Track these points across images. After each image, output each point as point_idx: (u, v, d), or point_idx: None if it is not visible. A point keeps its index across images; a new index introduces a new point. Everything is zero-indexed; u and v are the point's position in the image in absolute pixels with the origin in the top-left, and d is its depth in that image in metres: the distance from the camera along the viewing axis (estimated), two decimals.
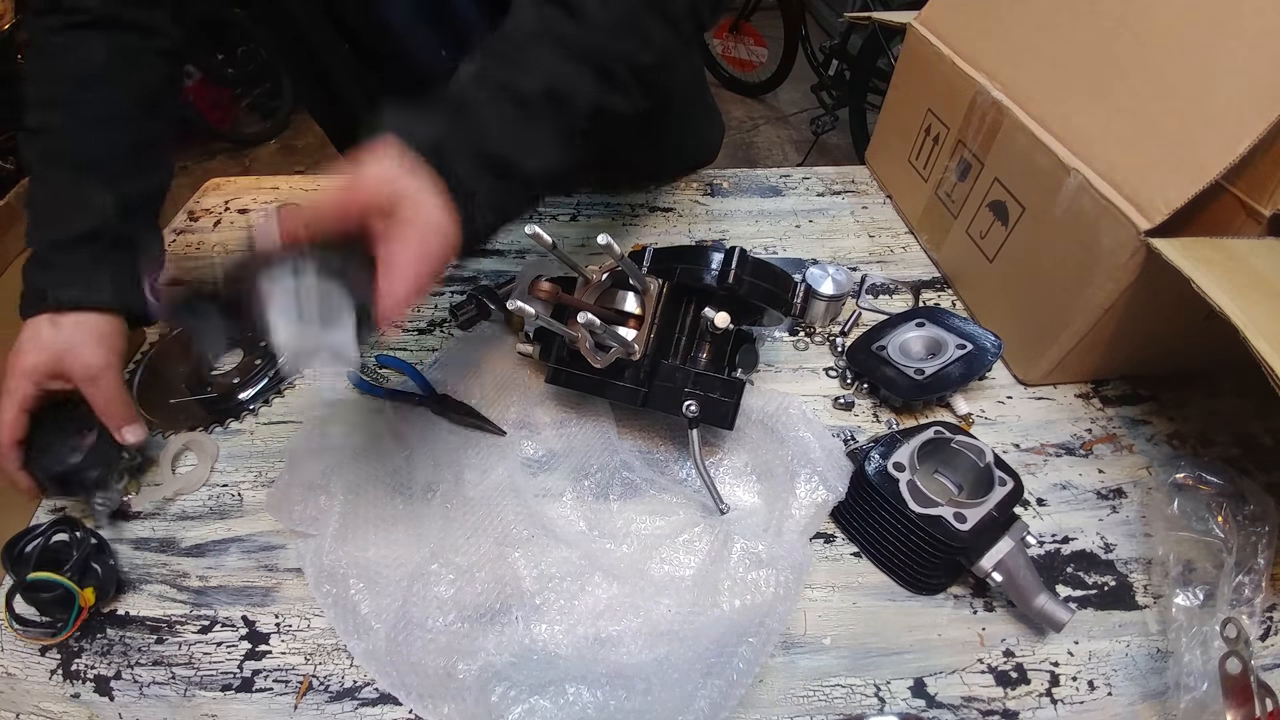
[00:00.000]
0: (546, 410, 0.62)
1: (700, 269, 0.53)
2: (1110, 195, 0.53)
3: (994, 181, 0.66)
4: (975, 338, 0.63)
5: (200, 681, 0.47)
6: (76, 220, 0.52)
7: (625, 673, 0.45)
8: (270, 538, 0.55)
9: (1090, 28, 0.61)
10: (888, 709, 0.45)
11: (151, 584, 0.52)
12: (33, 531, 0.49)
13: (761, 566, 0.49)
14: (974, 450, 0.51)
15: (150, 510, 0.57)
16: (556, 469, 0.58)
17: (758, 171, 0.95)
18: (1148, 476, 0.58)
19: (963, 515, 0.47)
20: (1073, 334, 0.58)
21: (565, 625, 0.48)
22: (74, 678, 0.47)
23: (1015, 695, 0.46)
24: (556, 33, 0.46)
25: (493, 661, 0.45)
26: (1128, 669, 0.47)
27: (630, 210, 0.87)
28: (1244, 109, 0.47)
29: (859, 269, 0.78)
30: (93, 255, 0.52)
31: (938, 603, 0.50)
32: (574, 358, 0.55)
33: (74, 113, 0.53)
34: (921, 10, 0.81)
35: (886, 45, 2.19)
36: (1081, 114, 0.58)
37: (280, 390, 0.66)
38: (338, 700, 0.46)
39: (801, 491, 0.53)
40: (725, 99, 3.23)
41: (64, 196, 0.53)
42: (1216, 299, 0.43)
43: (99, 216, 0.52)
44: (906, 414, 0.63)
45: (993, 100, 0.66)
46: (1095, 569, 0.52)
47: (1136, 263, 0.51)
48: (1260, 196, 0.51)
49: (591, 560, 0.51)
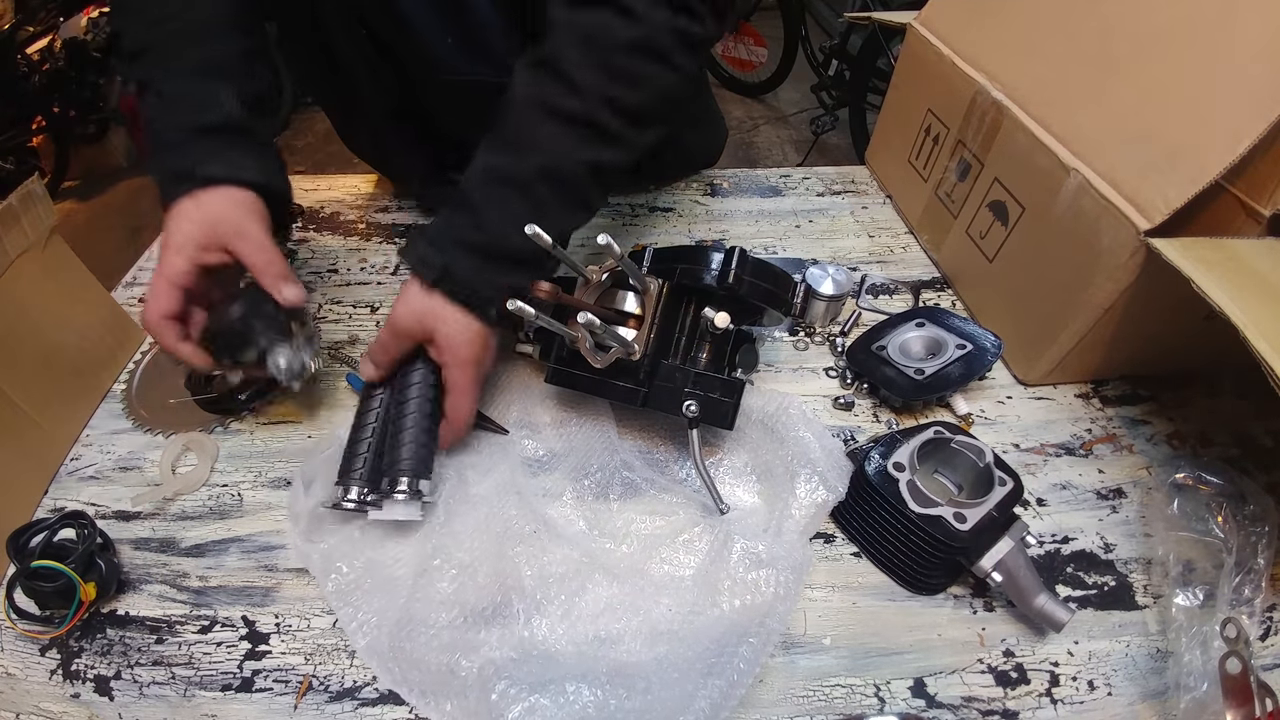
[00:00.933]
0: (547, 410, 0.62)
1: (700, 269, 0.53)
2: (1110, 195, 0.53)
3: (994, 181, 0.66)
4: (975, 338, 0.63)
5: (200, 681, 0.47)
6: (210, 110, 0.53)
7: (625, 672, 0.45)
8: (270, 538, 0.55)
9: (1090, 28, 0.61)
10: (888, 709, 0.45)
11: (151, 584, 0.52)
12: (38, 524, 0.49)
13: (761, 566, 0.49)
14: (974, 450, 0.51)
15: (150, 510, 0.57)
16: (557, 468, 0.58)
17: (758, 171, 0.95)
18: (1148, 476, 0.58)
19: (963, 515, 0.47)
20: (1073, 334, 0.59)
21: (566, 624, 0.48)
22: (74, 678, 0.47)
23: (1015, 695, 0.46)
24: (541, 99, 0.51)
25: (493, 659, 0.45)
26: (1128, 669, 0.47)
27: (630, 210, 0.87)
28: (1244, 109, 0.47)
29: (859, 269, 0.78)
30: (229, 139, 0.53)
31: (938, 603, 0.51)
32: (574, 358, 0.55)
33: (178, 24, 0.54)
34: (921, 10, 0.81)
35: (886, 45, 2.20)
36: (1081, 114, 0.58)
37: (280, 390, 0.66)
38: (338, 700, 0.46)
39: (801, 491, 0.53)
40: (725, 99, 3.23)
41: (191, 94, 0.53)
42: (1216, 299, 0.43)
43: (229, 107, 0.53)
44: (906, 414, 0.63)
45: (993, 100, 0.66)
46: (1095, 569, 0.52)
47: (1136, 263, 0.51)
48: (1260, 196, 0.51)
49: (592, 559, 0.51)
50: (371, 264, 0.80)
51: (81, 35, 2.65)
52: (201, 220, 0.51)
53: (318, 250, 0.82)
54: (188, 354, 0.52)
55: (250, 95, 0.55)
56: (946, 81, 0.74)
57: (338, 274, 0.79)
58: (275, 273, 0.53)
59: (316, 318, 0.73)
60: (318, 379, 0.58)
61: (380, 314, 0.73)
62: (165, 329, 0.51)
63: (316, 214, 0.88)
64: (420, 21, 0.67)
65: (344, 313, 0.74)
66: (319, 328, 0.61)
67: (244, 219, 0.52)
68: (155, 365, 0.69)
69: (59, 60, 2.62)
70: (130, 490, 0.58)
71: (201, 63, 0.54)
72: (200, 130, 0.52)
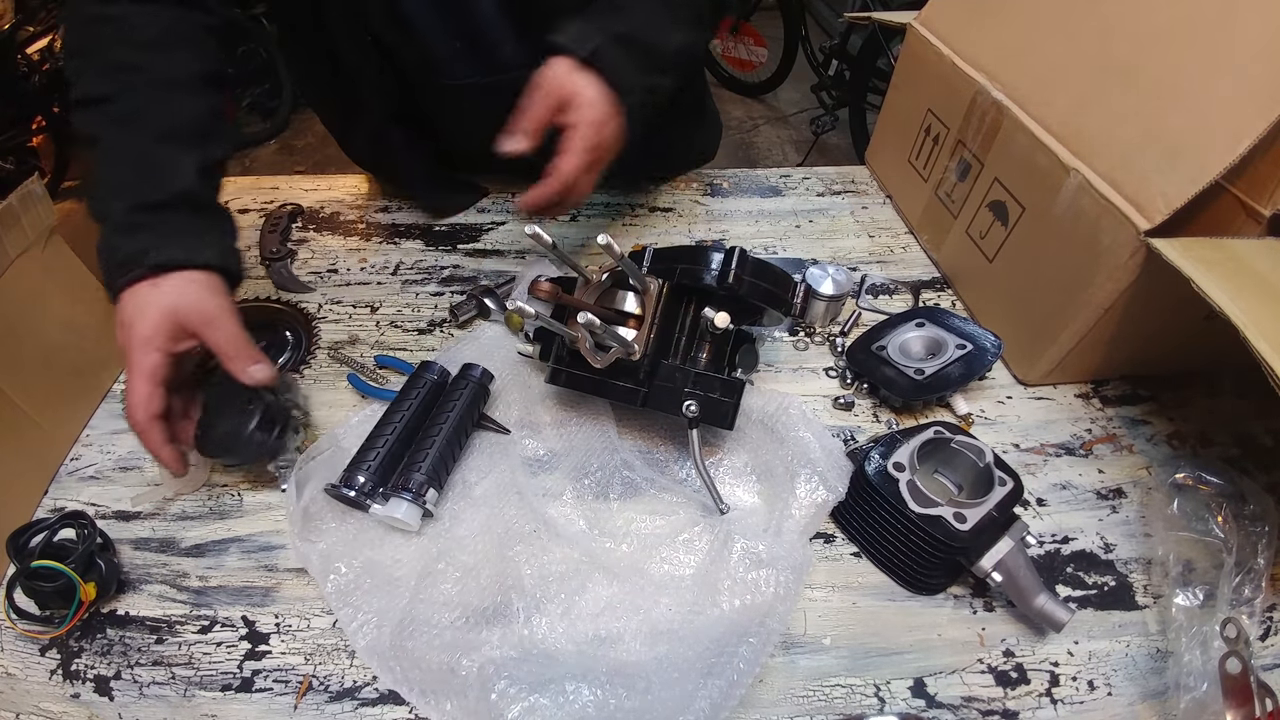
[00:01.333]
0: (547, 410, 0.62)
1: (700, 269, 0.53)
2: (1110, 195, 0.53)
3: (994, 181, 0.66)
4: (975, 338, 0.63)
5: (200, 681, 0.47)
6: (166, 183, 0.50)
7: (625, 671, 0.45)
8: (270, 538, 0.55)
9: (1090, 28, 0.61)
10: (888, 709, 0.45)
11: (151, 584, 0.52)
12: (38, 524, 0.49)
13: (761, 566, 0.49)
14: (974, 450, 0.51)
15: (150, 510, 0.57)
16: (557, 468, 0.58)
17: (758, 171, 0.95)
18: (1148, 476, 0.58)
19: (963, 515, 0.47)
20: (1073, 334, 0.58)
21: (566, 623, 0.48)
22: (74, 678, 0.47)
23: (1015, 695, 0.46)
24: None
25: (493, 658, 0.45)
26: (1128, 669, 0.47)
27: (630, 210, 0.87)
28: (1244, 109, 0.47)
29: (859, 269, 0.78)
30: (185, 217, 0.51)
31: (938, 603, 0.50)
32: (574, 358, 0.55)
33: (146, 77, 0.52)
34: (921, 10, 0.81)
35: (886, 45, 2.20)
36: (1081, 114, 0.58)
37: None
38: (338, 700, 0.46)
39: (801, 491, 0.53)
40: (725, 99, 3.23)
41: (148, 160, 0.51)
42: (1216, 299, 0.43)
43: (187, 180, 0.51)
44: (906, 414, 0.63)
45: (993, 100, 0.66)
46: (1095, 569, 0.52)
47: (1136, 263, 0.51)
48: (1260, 196, 0.51)
49: (592, 559, 0.51)
50: (371, 264, 0.80)
51: None
52: (167, 309, 0.48)
53: (318, 250, 0.82)
54: (168, 458, 0.50)
55: (212, 162, 0.54)
56: (946, 81, 0.74)
57: (337, 274, 0.79)
58: (241, 355, 0.50)
59: (316, 318, 0.73)
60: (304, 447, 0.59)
61: (380, 314, 0.73)
62: (154, 429, 0.49)
63: (316, 214, 0.88)
64: (423, 24, 0.67)
65: (344, 313, 0.74)
66: (301, 392, 0.61)
67: (207, 304, 0.49)
68: None
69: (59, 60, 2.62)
70: (130, 490, 0.58)
71: (166, 128, 0.52)
72: (155, 206, 0.50)
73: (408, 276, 0.78)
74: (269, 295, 0.76)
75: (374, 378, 0.66)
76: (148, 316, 0.48)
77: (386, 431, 0.56)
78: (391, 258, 0.81)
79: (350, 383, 0.65)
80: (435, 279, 0.78)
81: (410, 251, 0.82)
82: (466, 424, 0.57)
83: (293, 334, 0.71)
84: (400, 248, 0.82)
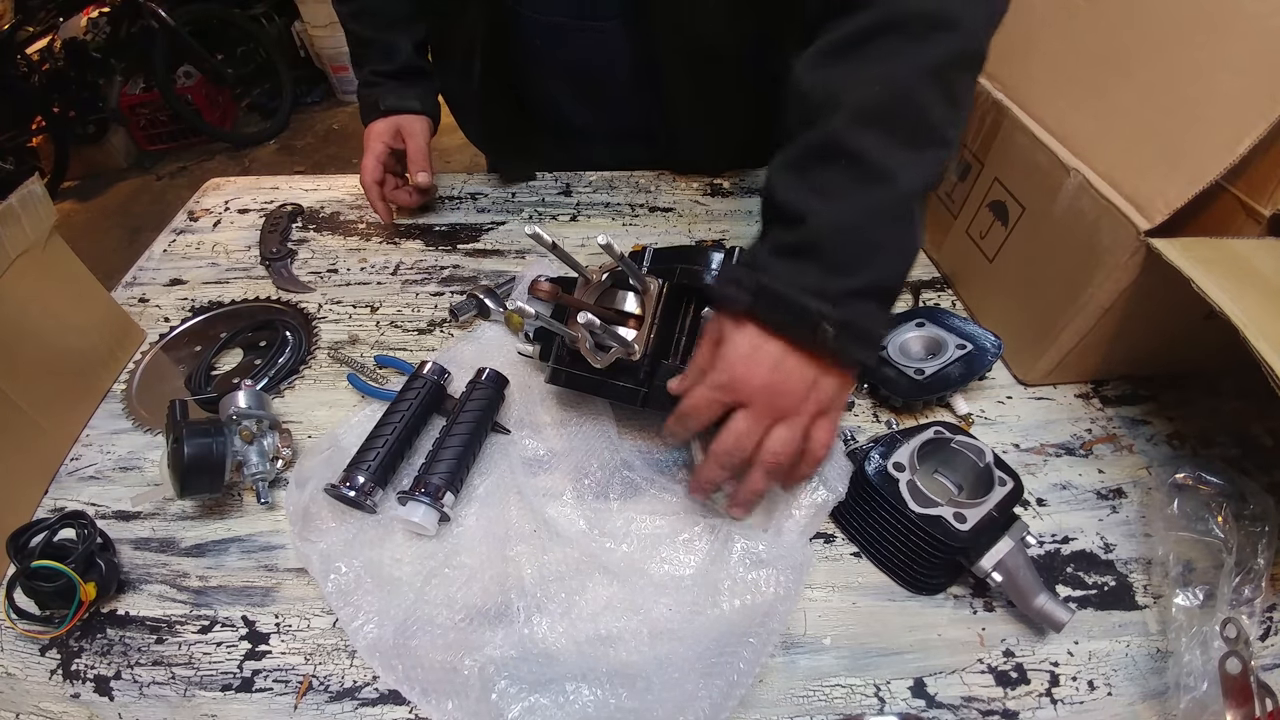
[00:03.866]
0: (547, 409, 0.62)
1: (700, 269, 0.53)
2: (1110, 195, 0.53)
3: (994, 181, 0.66)
4: (975, 338, 0.63)
5: (200, 681, 0.47)
6: (392, 57, 0.81)
7: (625, 671, 0.45)
8: (270, 538, 0.55)
9: (1089, 28, 0.61)
10: (888, 709, 0.45)
11: (151, 584, 0.52)
12: (38, 524, 0.49)
13: (761, 566, 0.49)
14: (974, 450, 0.51)
15: (150, 510, 0.57)
16: (557, 468, 0.58)
17: (758, 171, 0.95)
18: (1148, 476, 0.58)
19: (963, 515, 0.47)
20: (1073, 334, 0.58)
21: (566, 623, 0.48)
22: (74, 678, 0.47)
23: (1015, 695, 0.46)
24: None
25: (494, 658, 0.45)
26: (1128, 669, 0.47)
27: (630, 210, 0.87)
28: (1244, 109, 0.47)
29: None
30: (403, 79, 0.82)
31: (938, 603, 0.51)
32: (574, 358, 0.55)
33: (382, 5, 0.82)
34: None
35: None
36: (1081, 114, 0.58)
37: (280, 390, 0.66)
38: (338, 700, 0.46)
39: (801, 491, 0.53)
40: None
41: (378, 40, 0.82)
42: (1216, 299, 0.43)
43: (404, 55, 0.81)
44: (906, 414, 0.63)
45: (993, 100, 0.66)
46: (1095, 569, 0.52)
47: (1136, 263, 0.51)
48: (1260, 196, 0.51)
49: (592, 559, 0.51)
50: (371, 264, 0.80)
51: (81, 35, 2.66)
52: (392, 124, 0.81)
53: (318, 250, 0.82)
54: (380, 210, 0.81)
55: (418, 42, 0.83)
56: None
57: (337, 274, 0.79)
58: (418, 163, 0.80)
59: (316, 318, 0.73)
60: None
61: (380, 314, 0.73)
62: (374, 189, 0.80)
63: (316, 214, 0.88)
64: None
65: (344, 313, 0.74)
66: (279, 427, 0.60)
67: (413, 126, 0.81)
68: (155, 365, 0.69)
69: (59, 60, 2.62)
70: (130, 490, 0.58)
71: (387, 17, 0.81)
72: (386, 73, 0.82)
73: (408, 276, 0.78)
74: (269, 295, 0.76)
75: (374, 378, 0.66)
76: (379, 128, 0.81)
77: (386, 431, 0.56)
78: (391, 258, 0.81)
79: (350, 383, 0.65)
80: (435, 279, 0.78)
81: (410, 251, 0.82)
82: (483, 429, 0.57)
83: (293, 334, 0.71)
84: (400, 248, 0.82)
